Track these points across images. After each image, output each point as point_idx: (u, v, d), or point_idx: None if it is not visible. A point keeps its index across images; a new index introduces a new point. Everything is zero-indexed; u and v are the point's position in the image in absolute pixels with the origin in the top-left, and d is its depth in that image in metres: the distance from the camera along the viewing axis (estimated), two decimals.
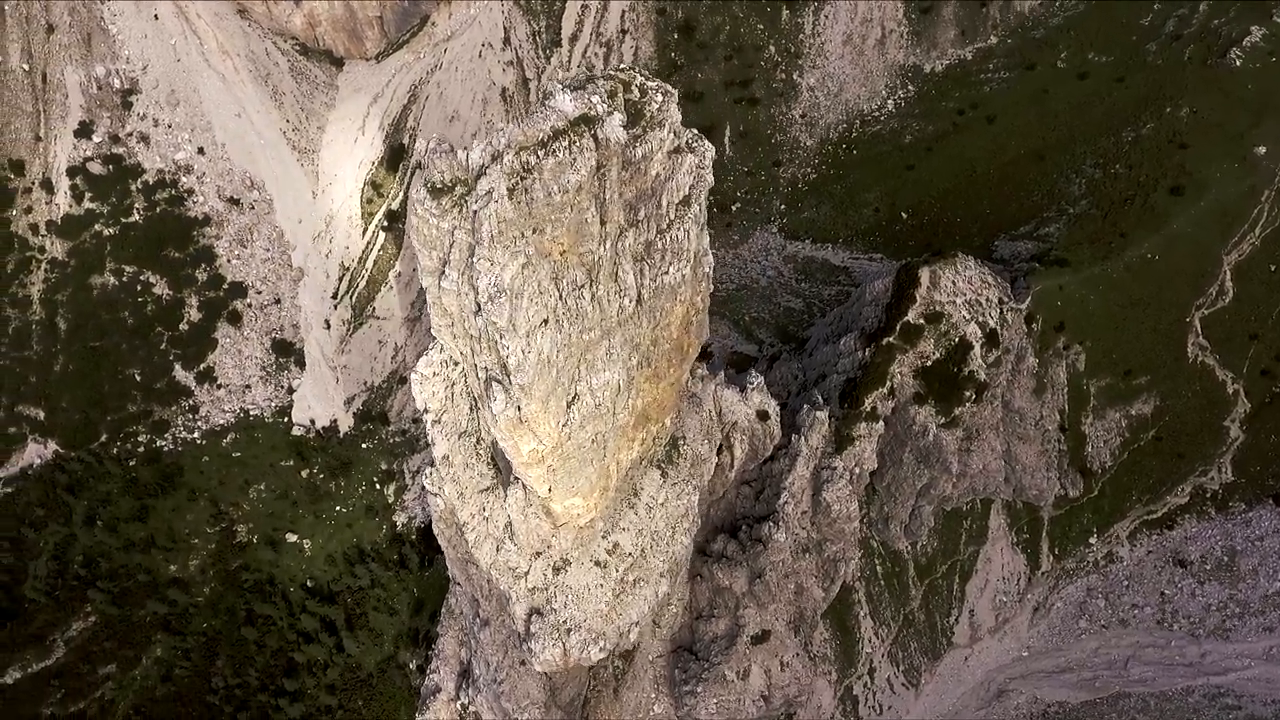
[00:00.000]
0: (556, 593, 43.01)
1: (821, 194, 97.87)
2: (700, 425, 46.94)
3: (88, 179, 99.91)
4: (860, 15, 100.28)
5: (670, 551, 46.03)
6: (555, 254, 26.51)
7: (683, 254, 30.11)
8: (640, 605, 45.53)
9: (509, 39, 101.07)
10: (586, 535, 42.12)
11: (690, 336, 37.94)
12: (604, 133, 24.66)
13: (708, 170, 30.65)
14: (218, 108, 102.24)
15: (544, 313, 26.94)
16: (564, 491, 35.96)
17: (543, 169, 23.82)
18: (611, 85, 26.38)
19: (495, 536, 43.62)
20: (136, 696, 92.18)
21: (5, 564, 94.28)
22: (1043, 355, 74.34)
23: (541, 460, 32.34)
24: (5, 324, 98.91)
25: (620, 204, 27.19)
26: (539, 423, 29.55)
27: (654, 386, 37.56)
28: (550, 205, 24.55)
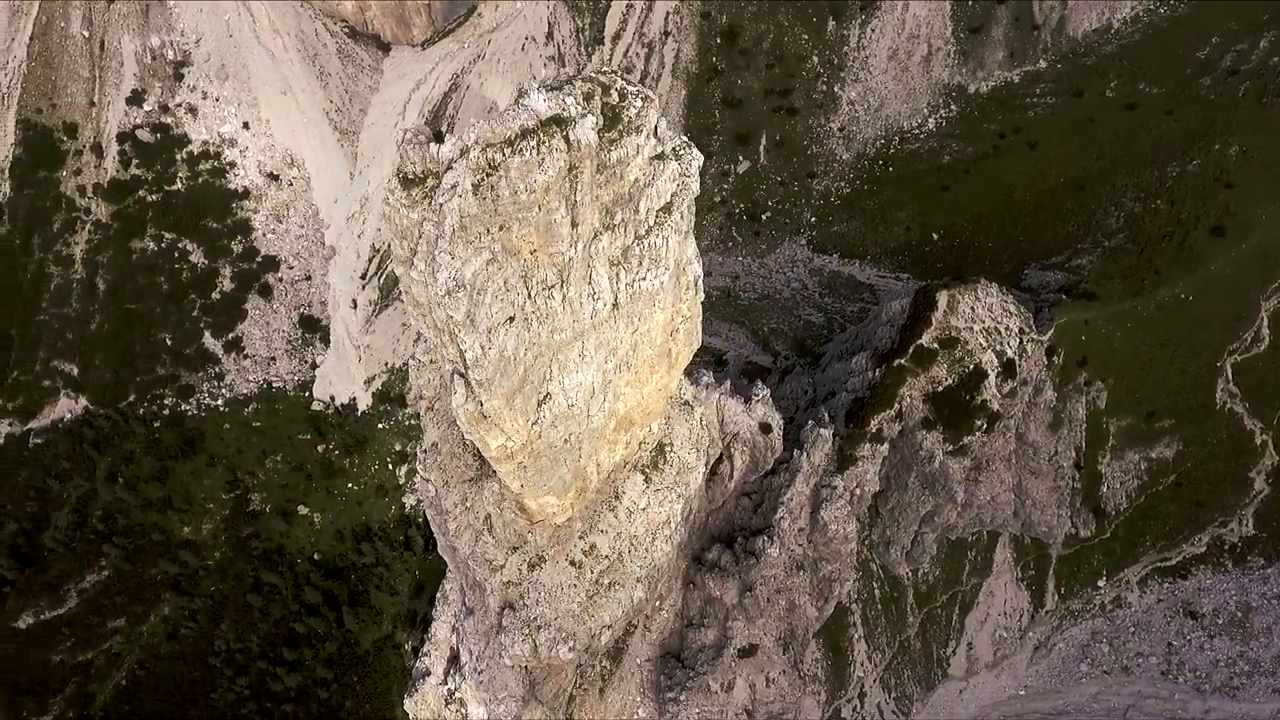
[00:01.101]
0: (530, 589, 43.15)
1: (853, 209, 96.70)
2: (690, 433, 46.72)
3: (136, 146, 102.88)
4: (908, 31, 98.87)
5: (649, 558, 45.86)
6: (525, 252, 26.55)
7: (661, 261, 29.93)
8: (614, 609, 45.44)
9: (552, 34, 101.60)
10: (563, 534, 42.18)
11: (678, 344, 37.73)
12: (575, 135, 24.64)
13: (693, 179, 30.42)
14: (265, 84, 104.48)
15: (510, 310, 27.00)
16: (536, 489, 36.04)
17: (509, 167, 23.86)
18: (589, 88, 26.32)
19: (475, 527, 43.90)
20: (142, 652, 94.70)
21: (30, 512, 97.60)
22: (1062, 390, 72.49)
23: (511, 456, 32.44)
24: (48, 281, 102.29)
25: (595, 207, 27.10)
26: (505, 419, 29.64)
27: (637, 392, 37.44)
28: (516, 204, 24.59)
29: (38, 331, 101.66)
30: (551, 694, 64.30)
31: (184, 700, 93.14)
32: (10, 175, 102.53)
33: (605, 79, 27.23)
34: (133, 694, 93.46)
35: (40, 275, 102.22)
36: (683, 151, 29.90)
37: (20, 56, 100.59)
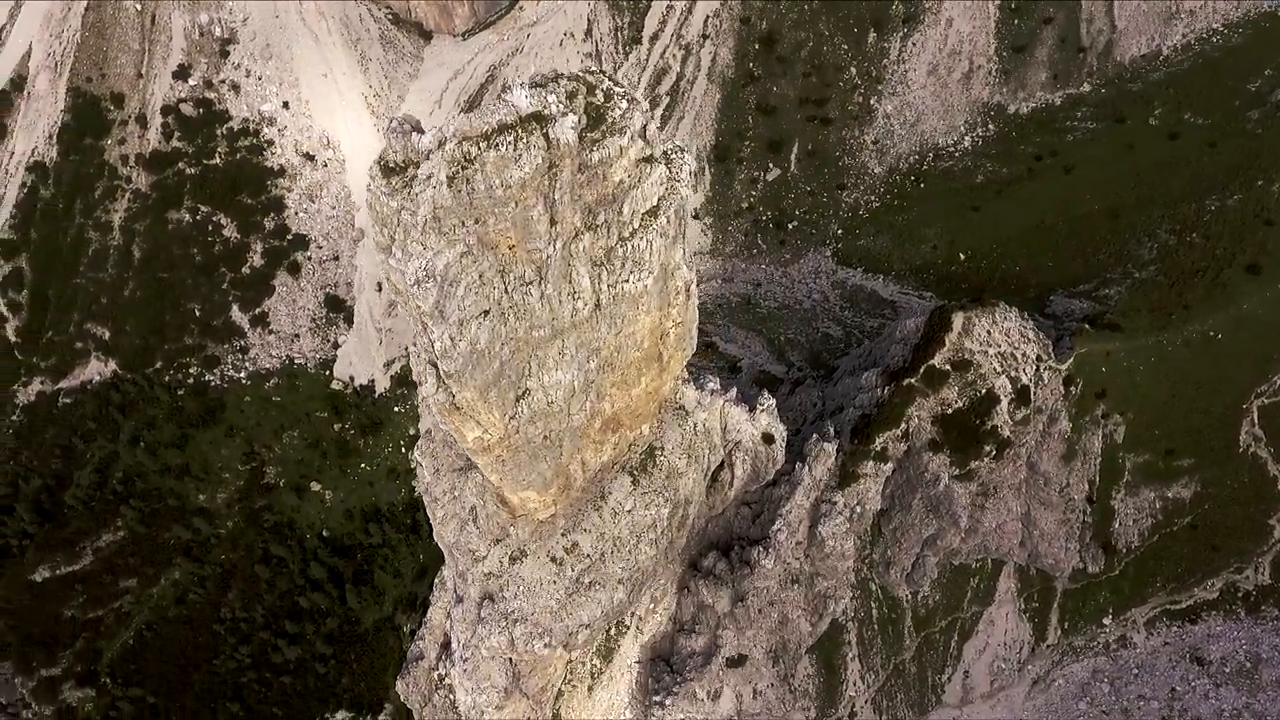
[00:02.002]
0: (510, 582, 43.34)
1: (881, 223, 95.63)
2: (682, 438, 46.53)
3: (179, 119, 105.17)
4: (949, 47, 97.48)
5: (632, 560, 45.80)
6: (503, 247, 26.65)
7: (644, 264, 29.83)
8: (593, 609, 45.44)
9: (591, 31, 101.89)
10: (546, 530, 42.29)
11: (669, 348, 37.59)
12: (555, 133, 24.67)
13: (683, 184, 30.25)
14: (307, 66, 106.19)
15: (485, 304, 27.12)
16: (515, 483, 36.18)
17: (485, 161, 23.97)
18: (574, 86, 26.28)
19: (460, 517, 44.21)
20: (151, 613, 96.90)
21: (54, 469, 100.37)
22: (1078, 421, 71.00)
23: (488, 449, 32.62)
24: (87, 245, 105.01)
25: (576, 206, 27.09)
26: (479, 412, 29.80)
27: (624, 393, 37.38)
28: (492, 198, 24.69)
29: (73, 294, 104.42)
30: (538, 688, 64.49)
31: (187, 664, 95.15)
32: (58, 141, 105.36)
33: (591, 78, 27.23)
34: (139, 653, 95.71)
35: (80, 239, 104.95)
36: (673, 156, 29.80)
37: (75, 26, 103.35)
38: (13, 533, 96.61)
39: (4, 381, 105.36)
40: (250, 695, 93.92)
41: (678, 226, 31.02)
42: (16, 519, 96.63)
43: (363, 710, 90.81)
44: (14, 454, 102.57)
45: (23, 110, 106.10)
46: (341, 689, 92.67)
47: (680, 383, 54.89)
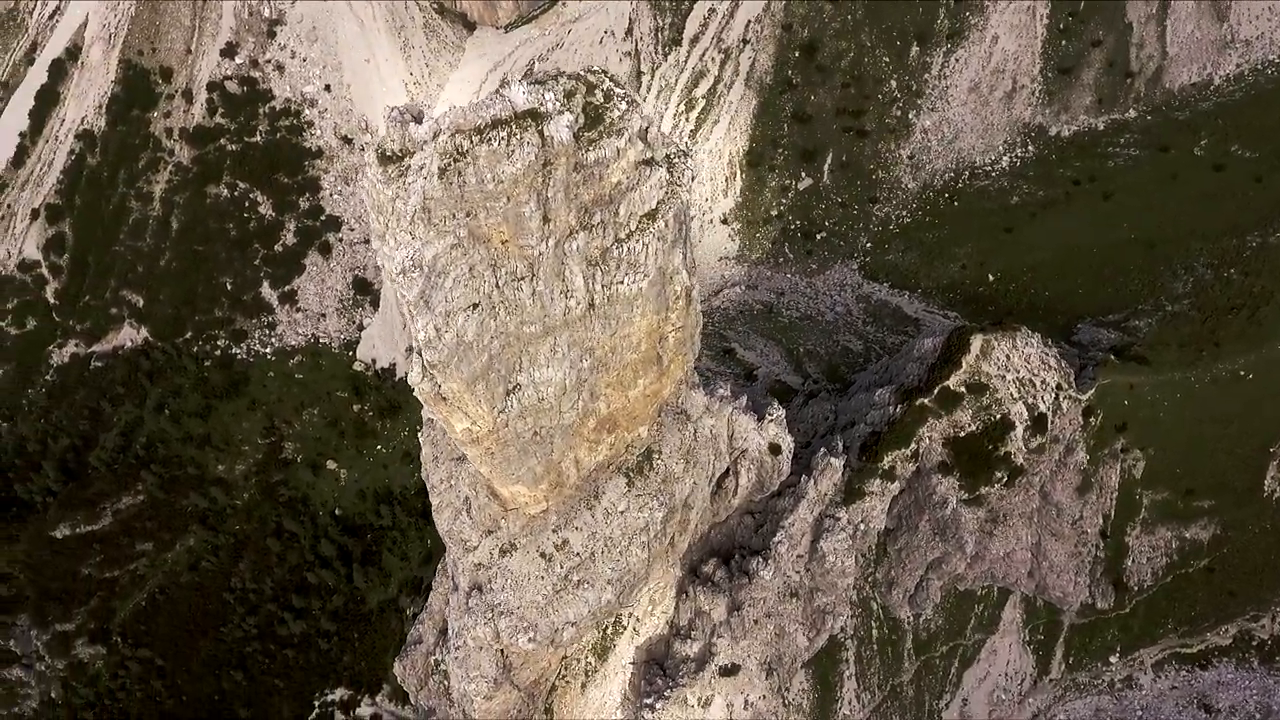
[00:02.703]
0: (498, 574, 43.54)
1: (911, 240, 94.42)
2: (681, 443, 46.35)
3: (223, 96, 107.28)
4: (993, 64, 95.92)
5: (623, 562, 45.73)
6: (496, 242, 26.72)
7: (640, 267, 29.69)
8: (579, 607, 45.45)
9: (632, 30, 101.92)
10: (537, 525, 42.39)
11: (668, 352, 37.45)
12: (550, 131, 24.67)
13: (684, 188, 30.07)
14: (350, 50, 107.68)
15: (474, 297, 27.22)
16: (504, 477, 36.32)
17: (477, 155, 24.03)
18: (573, 85, 26.23)
19: (455, 505, 44.52)
20: (164, 578, 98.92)
21: (81, 430, 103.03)
22: (1096, 453, 69.48)
23: (477, 441, 32.77)
24: (127, 214, 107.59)
25: (571, 205, 27.04)
26: (466, 404, 29.95)
27: (621, 395, 37.31)
28: (483, 192, 24.75)
29: (112, 261, 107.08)
30: (530, 680, 64.82)
31: (195, 630, 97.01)
32: (107, 111, 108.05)
33: (593, 78, 27.18)
34: (150, 616, 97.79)
35: (121, 208, 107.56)
36: (676, 160, 29.64)
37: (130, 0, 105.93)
38: (38, 489, 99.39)
39: (41, 341, 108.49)
40: (254, 665, 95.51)
41: (678, 231, 30.88)
42: (42, 476, 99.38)
43: (361, 689, 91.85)
44: (45, 413, 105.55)
45: (75, 79, 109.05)
46: (342, 666, 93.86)
47: (687, 387, 54.73)
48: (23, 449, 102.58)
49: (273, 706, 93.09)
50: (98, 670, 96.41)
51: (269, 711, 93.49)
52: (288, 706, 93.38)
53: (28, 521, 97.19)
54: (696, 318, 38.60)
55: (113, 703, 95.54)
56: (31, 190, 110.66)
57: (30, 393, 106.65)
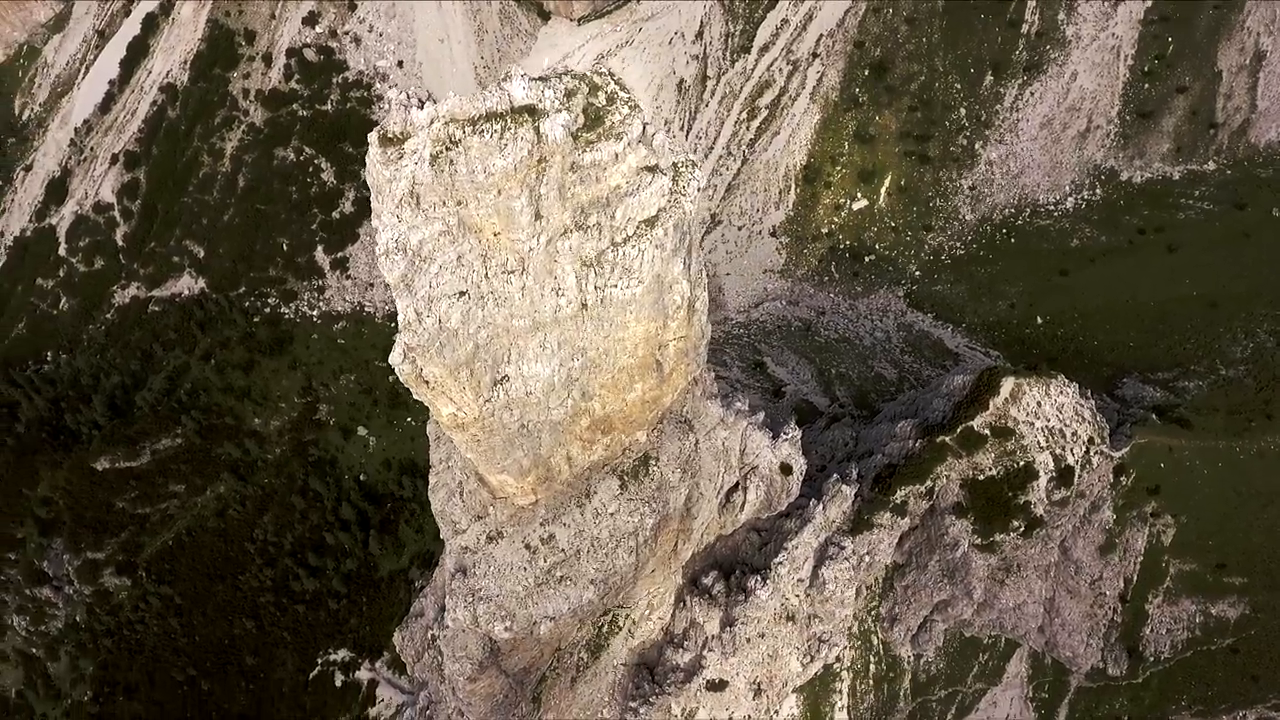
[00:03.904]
0: (483, 560, 43.87)
1: (961, 272, 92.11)
2: (680, 452, 46.02)
3: (301, 62, 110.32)
4: (1069, 102, 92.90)
5: (608, 564, 45.61)
6: (488, 233, 26.83)
7: (634, 272, 29.48)
8: (559, 603, 45.50)
9: (702, 34, 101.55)
10: (525, 516, 42.58)
11: (669, 361, 37.20)
12: (545, 128, 24.67)
13: (688, 199, 29.73)
14: (426, 29, 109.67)
15: (461, 285, 27.39)
16: (490, 465, 36.56)
17: (469, 145, 24.19)
18: (575, 85, 26.12)
19: (449, 487, 45.01)
20: (192, 520, 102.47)
21: (132, 370, 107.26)
22: (1123, 514, 66.81)
23: (463, 427, 33.04)
24: (198, 168, 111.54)
25: (567, 204, 26.97)
26: (450, 389, 30.20)
27: (617, 397, 37.18)
28: (473, 183, 24.89)
29: (179, 211, 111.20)
30: (519, 667, 65.07)
31: (215, 574, 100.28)
32: (190, 67, 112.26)
33: (598, 80, 27.08)
34: (175, 555, 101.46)
35: (194, 162, 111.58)
36: (683, 170, 29.36)
37: None
38: (86, 421, 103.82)
39: (106, 281, 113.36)
40: (265, 616, 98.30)
41: (679, 241, 30.58)
42: (91, 409, 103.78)
43: (363, 653, 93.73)
44: (102, 349, 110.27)
45: (165, 33, 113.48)
46: (348, 629, 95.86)
47: (701, 396, 54.31)
48: (77, 381, 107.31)
49: (277, 658, 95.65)
50: (121, 601, 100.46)
51: (274, 662, 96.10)
52: (292, 660, 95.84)
53: (72, 451, 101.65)
54: (701, 329, 38.22)
55: (130, 634, 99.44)
56: (114, 136, 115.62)
57: (90, 329, 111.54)
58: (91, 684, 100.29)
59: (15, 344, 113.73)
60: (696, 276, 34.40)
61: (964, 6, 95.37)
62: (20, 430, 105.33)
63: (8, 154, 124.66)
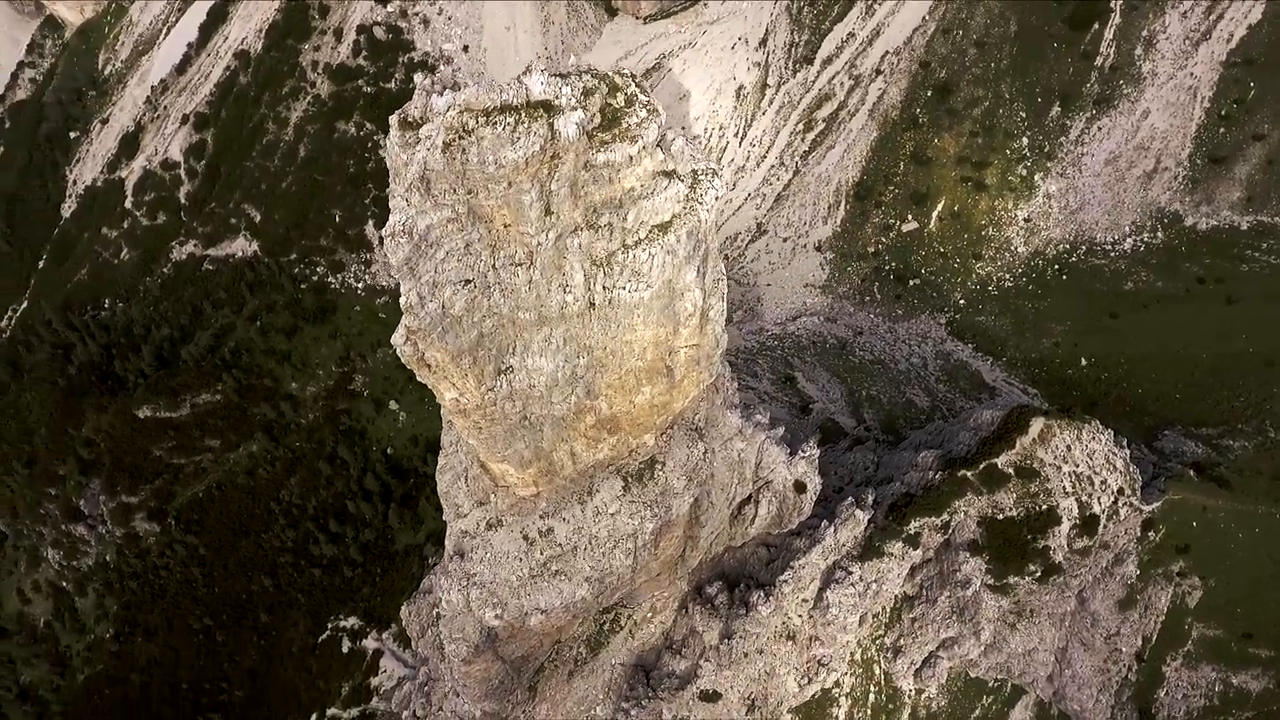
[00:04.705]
0: (480, 545, 44.21)
1: (1008, 305, 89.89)
2: (688, 459, 45.75)
3: (370, 40, 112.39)
4: (1138, 140, 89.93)
5: (604, 563, 45.58)
6: (498, 224, 26.95)
7: (643, 276, 29.29)
8: (551, 597, 45.64)
9: (766, 41, 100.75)
10: (525, 507, 42.77)
11: (680, 367, 36.97)
12: (559, 125, 24.66)
13: (704, 207, 29.41)
14: (493, 16, 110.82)
15: (468, 273, 27.56)
16: (491, 453, 36.77)
17: (481, 136, 24.30)
18: (594, 84, 26.00)
19: (456, 470, 45.47)
20: (223, 475, 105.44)
21: (181, 324, 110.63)
22: (1148, 570, 64.58)
23: (465, 413, 33.27)
24: (263, 134, 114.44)
25: (579, 201, 26.90)
26: (452, 375, 30.40)
27: (624, 398, 37.07)
28: (484, 173, 25.00)
29: (241, 175, 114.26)
30: (517, 655, 65.54)
31: (239, 530, 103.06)
32: (265, 36, 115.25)
33: (619, 80, 26.96)
34: (204, 507, 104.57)
35: (259, 128, 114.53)
36: (701, 178, 29.10)
37: None
38: (133, 369, 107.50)
39: (166, 236, 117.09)
40: (283, 576, 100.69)
41: (692, 249, 30.33)
42: (139, 359, 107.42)
43: (372, 622, 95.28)
44: (156, 301, 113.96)
45: (244, 1, 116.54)
46: (360, 597, 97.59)
47: (722, 406, 53.97)
48: (129, 330, 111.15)
49: (290, 618, 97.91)
50: (149, 545, 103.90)
51: (286, 621, 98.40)
52: (304, 621, 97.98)
53: (118, 397, 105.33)
54: (715, 339, 37.91)
55: (155, 578, 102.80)
56: (187, 97, 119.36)
57: (147, 281, 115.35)
58: (114, 622, 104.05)
59: (77, 289, 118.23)
60: (712, 286, 34.13)
61: (1038, 33, 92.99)
62: (72, 372, 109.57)
63: (87, 106, 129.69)
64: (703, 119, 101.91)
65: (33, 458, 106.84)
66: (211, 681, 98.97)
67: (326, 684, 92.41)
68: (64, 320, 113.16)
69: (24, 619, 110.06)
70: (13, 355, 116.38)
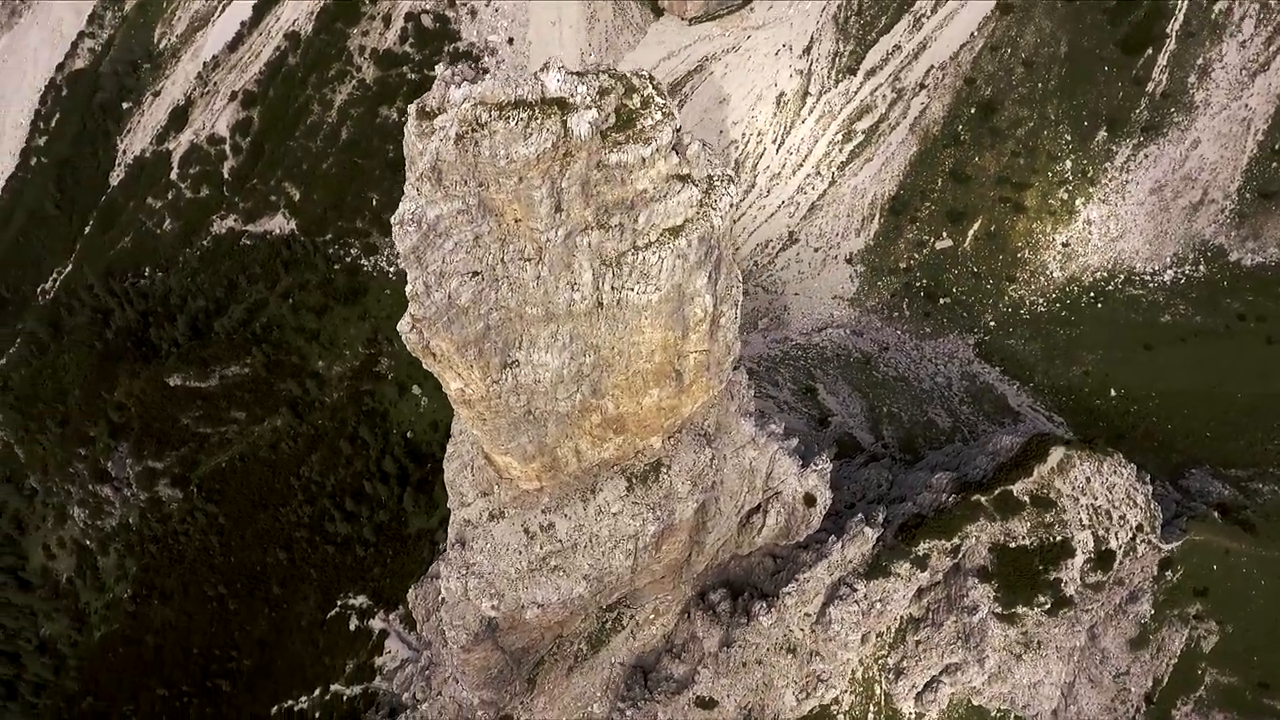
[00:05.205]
0: (481, 535, 44.45)
1: (1039, 330, 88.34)
2: (694, 465, 45.53)
3: (417, 27, 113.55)
4: (1185, 170, 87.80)
5: (605, 562, 45.58)
6: (509, 218, 27.02)
7: (651, 278, 29.17)
8: (549, 591, 45.75)
9: (810, 49, 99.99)
10: (528, 501, 42.92)
11: (690, 372, 36.82)
12: (572, 123, 24.66)
13: (718, 213, 29.19)
14: (540, 10, 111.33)
15: (476, 266, 27.66)
16: (494, 445, 36.91)
17: (494, 129, 24.38)
18: (610, 84, 25.92)
19: (464, 459, 45.77)
20: (246, 447, 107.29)
21: (216, 297, 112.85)
22: (1163, 611, 63.07)
23: (469, 404, 33.46)
24: (307, 114, 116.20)
25: (590, 200, 26.84)
26: (457, 365, 30.55)
27: (631, 399, 37.03)
28: (495, 167, 25.09)
29: (283, 153, 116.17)
30: (517, 646, 65.92)
31: (258, 502, 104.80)
32: (316, 18, 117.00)
33: (636, 81, 26.87)
34: (226, 477, 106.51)
35: (304, 109, 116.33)
36: (717, 184, 28.90)
37: None
38: (167, 338, 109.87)
39: (208, 210, 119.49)
40: (297, 550, 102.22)
41: (704, 255, 30.16)
42: (174, 328, 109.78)
43: (380, 602, 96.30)
44: (194, 273, 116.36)
45: None
46: (370, 577, 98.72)
47: (731, 412, 53.70)
48: (166, 299, 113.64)
49: (301, 592, 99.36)
50: (171, 511, 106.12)
51: (297, 595, 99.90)
52: (314, 596, 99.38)
53: (151, 364, 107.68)
54: (727, 346, 37.71)
55: (174, 543, 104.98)
56: (237, 74, 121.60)
57: (186, 252, 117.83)
58: (132, 583, 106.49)
59: (119, 256, 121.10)
60: (724, 293, 33.95)
61: (1089, 56, 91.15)
62: (109, 336, 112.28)
63: (141, 78, 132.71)
64: (741, 124, 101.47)
65: (66, 417, 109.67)
66: (221, 649, 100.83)
67: (332, 660, 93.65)
68: (105, 286, 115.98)
69: (48, 574, 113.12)
70: (55, 316, 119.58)
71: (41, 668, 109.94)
